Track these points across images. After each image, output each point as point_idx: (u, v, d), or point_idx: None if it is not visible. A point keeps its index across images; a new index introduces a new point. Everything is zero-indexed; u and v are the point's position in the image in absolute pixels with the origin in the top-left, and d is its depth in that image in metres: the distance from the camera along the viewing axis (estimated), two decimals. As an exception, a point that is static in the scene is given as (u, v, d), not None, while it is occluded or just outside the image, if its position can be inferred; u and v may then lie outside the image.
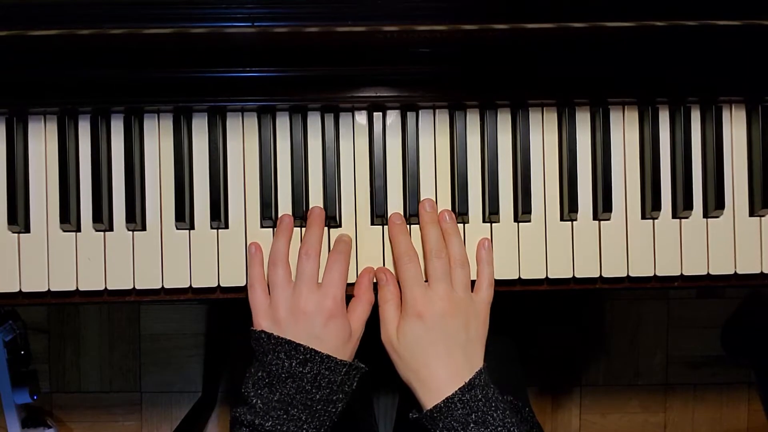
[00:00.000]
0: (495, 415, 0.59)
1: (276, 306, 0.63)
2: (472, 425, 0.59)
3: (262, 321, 0.63)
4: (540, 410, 1.45)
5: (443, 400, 0.60)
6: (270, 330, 0.62)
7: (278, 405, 0.60)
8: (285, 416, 0.60)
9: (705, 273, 0.69)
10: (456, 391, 0.60)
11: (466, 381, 0.61)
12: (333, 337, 0.62)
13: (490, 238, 0.68)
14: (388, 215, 0.68)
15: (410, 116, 0.68)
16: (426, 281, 0.65)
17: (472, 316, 0.64)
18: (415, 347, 0.62)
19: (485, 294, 0.66)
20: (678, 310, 1.46)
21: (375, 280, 0.67)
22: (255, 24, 0.61)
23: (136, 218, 0.66)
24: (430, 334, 0.62)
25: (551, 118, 0.69)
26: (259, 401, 0.60)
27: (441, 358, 0.62)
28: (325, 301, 0.62)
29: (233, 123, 0.68)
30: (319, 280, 0.65)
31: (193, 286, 0.67)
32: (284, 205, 0.68)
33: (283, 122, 0.68)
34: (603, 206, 0.68)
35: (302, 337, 0.61)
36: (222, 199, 0.67)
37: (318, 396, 0.61)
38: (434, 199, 0.68)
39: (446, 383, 0.61)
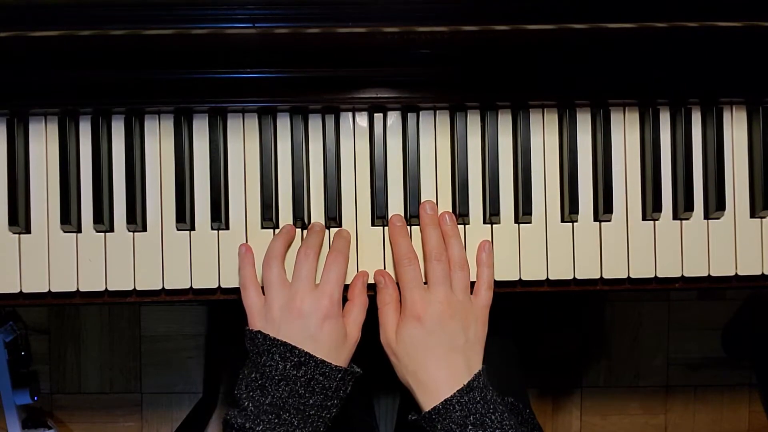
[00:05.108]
0: (493, 417, 0.59)
1: (270, 305, 0.62)
2: (470, 427, 0.58)
3: (257, 321, 0.63)
4: (540, 412, 1.45)
5: (441, 402, 0.60)
6: (265, 330, 0.62)
7: (270, 409, 0.59)
8: (276, 420, 0.59)
9: (706, 274, 0.69)
10: (454, 394, 0.60)
11: (465, 383, 0.61)
12: (328, 338, 0.62)
13: (490, 239, 0.68)
14: (389, 216, 0.68)
15: (411, 117, 0.68)
16: (425, 283, 0.65)
17: (471, 318, 0.64)
18: (413, 350, 0.62)
19: (484, 297, 0.66)
20: (679, 312, 1.46)
21: (371, 282, 0.67)
22: (256, 25, 0.61)
23: (136, 219, 0.66)
24: (429, 337, 0.62)
25: (552, 119, 0.69)
26: (250, 404, 0.59)
27: (440, 360, 0.62)
28: (322, 300, 0.62)
29: (234, 124, 0.68)
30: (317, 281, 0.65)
31: (194, 287, 0.67)
32: (285, 206, 0.68)
33: (283, 123, 0.68)
34: (604, 207, 0.68)
35: (297, 337, 0.61)
36: (223, 200, 0.67)
37: (311, 401, 0.60)
38: (435, 201, 0.68)
39: (445, 386, 0.61)
